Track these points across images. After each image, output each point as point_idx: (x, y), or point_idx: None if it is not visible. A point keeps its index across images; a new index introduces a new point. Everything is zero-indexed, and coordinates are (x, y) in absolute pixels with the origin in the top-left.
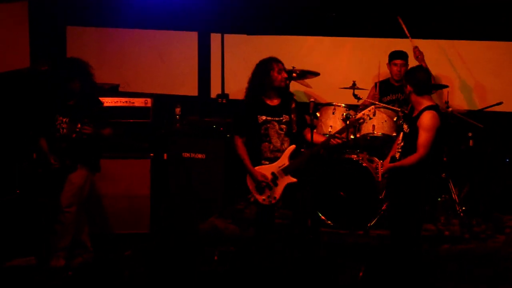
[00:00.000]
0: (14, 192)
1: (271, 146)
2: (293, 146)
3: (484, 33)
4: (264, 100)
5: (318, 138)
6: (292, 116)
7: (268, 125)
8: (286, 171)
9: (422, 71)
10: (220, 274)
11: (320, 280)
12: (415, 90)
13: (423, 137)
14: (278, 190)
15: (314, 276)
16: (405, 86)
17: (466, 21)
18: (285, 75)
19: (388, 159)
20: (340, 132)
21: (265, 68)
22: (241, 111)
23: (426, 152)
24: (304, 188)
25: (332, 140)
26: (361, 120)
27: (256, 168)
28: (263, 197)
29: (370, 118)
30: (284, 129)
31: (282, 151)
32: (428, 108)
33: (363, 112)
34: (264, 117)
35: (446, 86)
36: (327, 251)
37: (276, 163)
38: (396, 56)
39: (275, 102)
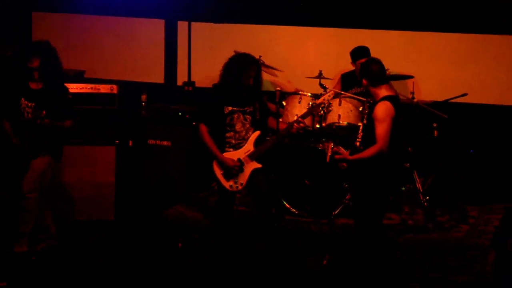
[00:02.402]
0: None
1: (236, 135)
2: (257, 132)
3: (450, 25)
4: (231, 91)
5: (282, 126)
6: (256, 105)
7: (234, 115)
8: (251, 157)
9: (374, 63)
10: (184, 261)
11: (284, 268)
12: (370, 82)
13: (379, 128)
14: (245, 176)
15: (278, 263)
16: (361, 81)
17: (432, 13)
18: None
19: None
20: (302, 116)
21: (240, 67)
22: (208, 101)
23: (385, 143)
24: (268, 175)
25: (296, 124)
26: (322, 105)
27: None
28: (230, 183)
29: (330, 104)
30: (248, 119)
31: (246, 139)
32: (382, 99)
33: (322, 97)
34: (230, 108)
35: (411, 77)
36: (292, 239)
37: (241, 149)
38: (359, 55)
39: (240, 93)
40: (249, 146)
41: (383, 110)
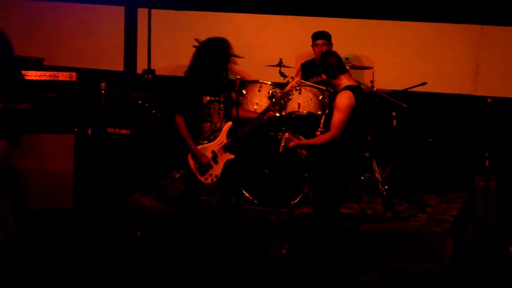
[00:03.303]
0: None
1: (212, 126)
2: (230, 123)
3: (410, 13)
4: (207, 79)
5: (246, 114)
6: (226, 93)
7: (211, 105)
8: (225, 148)
9: (329, 55)
10: (144, 250)
11: (244, 257)
12: (329, 75)
13: (336, 117)
14: (219, 168)
15: (238, 253)
16: (322, 75)
17: (391, 2)
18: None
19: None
20: (273, 104)
21: (223, 49)
22: (184, 90)
23: (338, 132)
24: (235, 163)
25: (271, 113)
26: (291, 92)
27: (198, 147)
28: (205, 177)
29: (296, 90)
30: (222, 109)
31: (219, 130)
32: (343, 89)
33: (290, 84)
34: (208, 98)
35: (370, 68)
36: (251, 228)
37: (215, 141)
38: (318, 36)
39: (214, 82)
40: (222, 138)
41: (343, 99)
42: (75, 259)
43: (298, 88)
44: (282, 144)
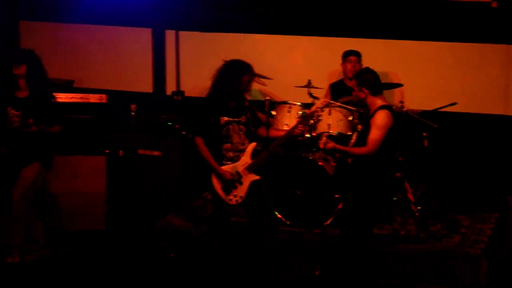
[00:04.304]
0: None
1: (233, 147)
2: (254, 144)
3: (437, 34)
4: (226, 101)
5: (277, 133)
6: (248, 115)
7: (229, 126)
8: (250, 169)
9: (370, 72)
10: (178, 270)
11: (277, 278)
12: (370, 91)
13: (373, 134)
14: (244, 189)
15: (270, 274)
16: (359, 90)
17: (420, 22)
18: (252, 82)
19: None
20: (301, 123)
21: (238, 72)
22: (203, 111)
23: (374, 149)
24: (261, 186)
25: (297, 130)
26: (317, 113)
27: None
28: (230, 197)
29: (322, 110)
30: (243, 130)
31: (243, 150)
32: (382, 107)
33: (315, 106)
34: (226, 118)
35: (400, 85)
36: (284, 249)
37: (239, 162)
38: (350, 53)
39: (234, 103)
40: (246, 158)
41: (383, 117)
42: (108, 281)
43: (323, 109)
44: (323, 141)
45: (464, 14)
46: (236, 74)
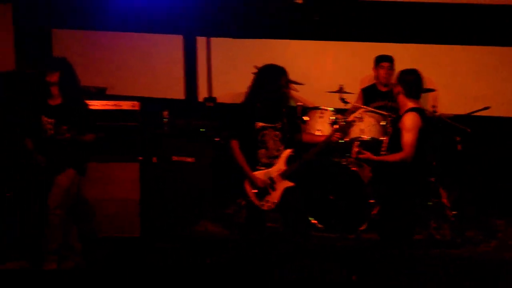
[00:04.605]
0: (5, 195)
1: (268, 152)
2: (289, 150)
3: (469, 38)
4: (261, 106)
5: (311, 138)
6: (285, 120)
7: (265, 131)
8: (283, 175)
9: (414, 74)
10: (213, 277)
11: (311, 284)
12: (404, 91)
13: (406, 137)
14: (277, 195)
15: (305, 280)
16: (395, 86)
17: (451, 26)
18: (289, 87)
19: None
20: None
21: (274, 78)
22: (238, 115)
23: (411, 152)
24: (295, 191)
25: (334, 137)
26: (353, 123)
27: (254, 173)
28: (262, 203)
29: (361, 120)
30: (279, 136)
31: (277, 157)
32: (410, 110)
33: (354, 115)
34: (261, 124)
35: (433, 90)
36: (318, 255)
37: (273, 168)
38: (383, 59)
39: (270, 109)
40: (281, 165)
41: (411, 119)
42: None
43: (362, 119)
44: (355, 151)
45: (497, 17)
46: (273, 77)
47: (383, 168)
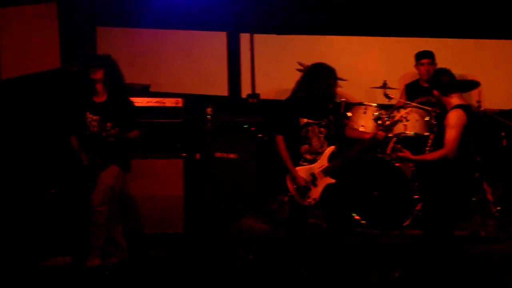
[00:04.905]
0: (49, 191)
1: (311, 149)
2: (332, 147)
3: None
4: (307, 103)
5: (353, 133)
6: (330, 117)
7: (309, 128)
8: (325, 172)
9: (443, 73)
10: (256, 273)
11: (355, 280)
12: (441, 92)
13: (448, 134)
14: (318, 191)
15: (348, 276)
16: (432, 91)
17: (496, 20)
18: (337, 87)
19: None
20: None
21: (324, 76)
22: (284, 111)
23: (452, 149)
24: (337, 188)
25: (378, 135)
26: (399, 122)
27: (296, 169)
28: (304, 199)
29: (407, 120)
30: (323, 132)
31: (321, 153)
32: (455, 107)
33: (400, 114)
34: (305, 120)
35: (477, 83)
36: (361, 251)
37: (315, 164)
38: (423, 55)
39: (316, 106)
40: (323, 161)
41: (455, 116)
42: (186, 284)
43: (407, 119)
44: (391, 146)
45: None
46: (322, 76)
47: (426, 165)
